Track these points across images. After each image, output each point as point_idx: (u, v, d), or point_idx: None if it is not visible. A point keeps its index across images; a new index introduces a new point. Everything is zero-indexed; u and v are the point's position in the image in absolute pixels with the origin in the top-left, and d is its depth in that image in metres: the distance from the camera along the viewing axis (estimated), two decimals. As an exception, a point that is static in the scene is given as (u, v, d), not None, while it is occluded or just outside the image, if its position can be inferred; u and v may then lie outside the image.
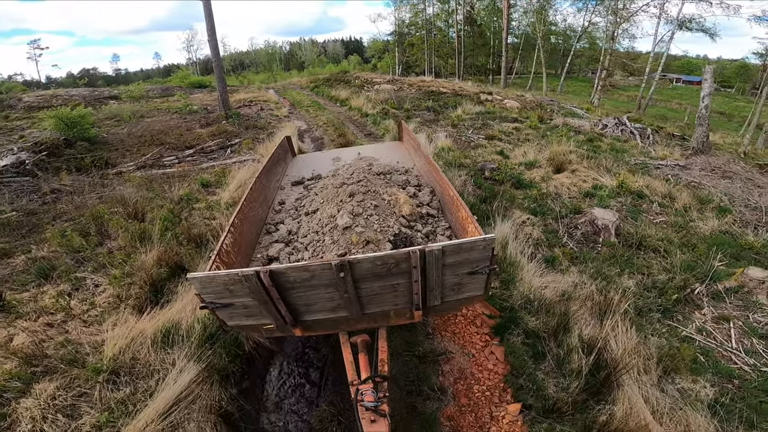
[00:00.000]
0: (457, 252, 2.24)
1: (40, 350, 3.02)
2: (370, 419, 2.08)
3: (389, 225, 3.28)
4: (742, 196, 7.35)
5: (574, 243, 4.64)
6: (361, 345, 2.64)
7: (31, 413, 2.58)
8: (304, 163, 5.79)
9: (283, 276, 2.19)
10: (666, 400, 2.90)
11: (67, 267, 4.03)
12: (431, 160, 4.24)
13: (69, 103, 15.81)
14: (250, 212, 3.59)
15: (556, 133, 9.95)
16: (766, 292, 4.33)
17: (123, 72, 79.57)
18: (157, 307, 3.47)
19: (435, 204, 3.92)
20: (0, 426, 2.55)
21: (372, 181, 3.98)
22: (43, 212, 5.57)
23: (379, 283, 2.31)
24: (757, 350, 3.60)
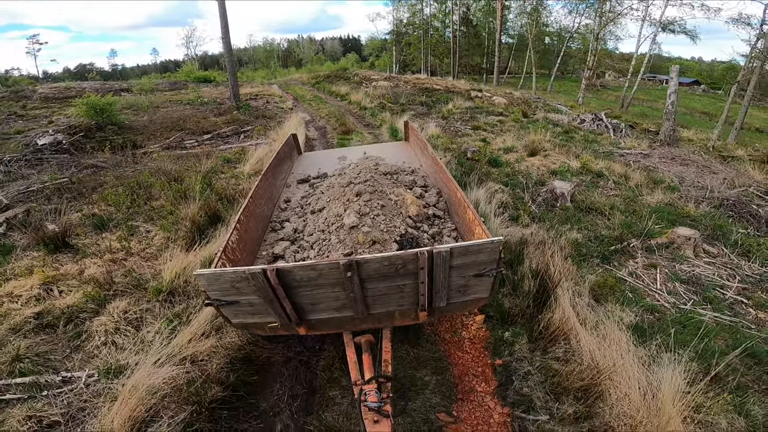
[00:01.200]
0: (464, 254, 2.24)
1: (109, 279, 3.89)
2: (373, 419, 2.08)
3: (396, 225, 3.29)
4: (693, 179, 8.43)
5: (536, 206, 5.68)
6: (365, 345, 2.63)
7: (105, 327, 3.30)
8: (310, 161, 5.79)
9: (290, 274, 2.19)
10: (592, 316, 3.88)
11: (123, 218, 5.00)
12: (439, 161, 4.22)
13: (83, 94, 16.68)
14: (256, 209, 3.60)
15: (535, 125, 11.03)
16: (692, 247, 5.39)
17: (120, 68, 79.85)
18: (200, 245, 4.40)
19: (441, 205, 3.93)
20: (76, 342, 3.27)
21: (379, 180, 3.98)
22: (86, 182, 6.52)
23: (386, 283, 2.31)
24: (678, 292, 4.59)
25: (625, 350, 3.06)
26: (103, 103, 9.14)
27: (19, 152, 7.74)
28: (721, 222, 6.01)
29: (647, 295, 4.43)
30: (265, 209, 3.90)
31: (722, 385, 3.08)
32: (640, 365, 2.95)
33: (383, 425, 2.05)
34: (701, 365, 3.23)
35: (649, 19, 21.55)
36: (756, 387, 3.16)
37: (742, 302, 4.39)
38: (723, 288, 4.60)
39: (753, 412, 2.86)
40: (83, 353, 3.15)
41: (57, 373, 2.94)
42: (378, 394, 2.16)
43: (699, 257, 5.16)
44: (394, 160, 5.17)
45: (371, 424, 2.05)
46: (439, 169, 4.14)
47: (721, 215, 6.38)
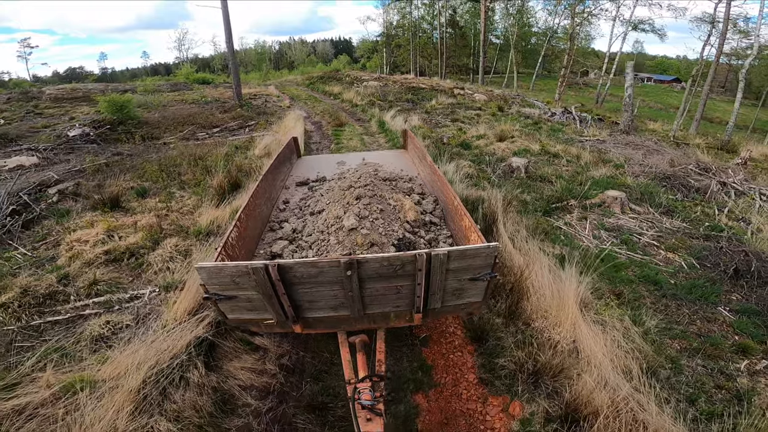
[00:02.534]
0: (461, 257, 2.29)
1: (158, 226, 5.09)
2: (366, 418, 2.11)
3: (394, 229, 3.36)
4: (639, 159, 9.81)
5: (495, 176, 6.96)
6: (359, 345, 2.66)
7: (162, 257, 4.46)
8: (308, 164, 5.91)
9: (291, 271, 2.22)
10: (525, 246, 5.10)
11: (161, 187, 6.17)
12: (437, 169, 4.32)
13: (89, 95, 17.70)
14: (256, 209, 3.68)
15: (508, 118, 12.34)
16: (619, 206, 6.68)
17: (109, 71, 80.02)
18: (226, 203, 5.55)
19: (438, 213, 4.02)
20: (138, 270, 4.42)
21: (378, 185, 4.07)
22: (119, 164, 7.65)
23: (384, 283, 2.36)
24: (602, 237, 5.87)
25: (545, 266, 4.24)
26: (122, 100, 10.26)
27: (52, 142, 8.85)
28: (651, 189, 7.34)
29: (576, 238, 5.66)
30: (264, 209, 3.96)
31: (625, 302, 4.23)
32: (555, 278, 4.10)
33: (376, 424, 2.09)
34: (610, 286, 4.45)
35: (620, 19, 23.15)
36: (653, 306, 4.20)
37: (655, 246, 5.67)
38: (640, 235, 5.89)
39: (645, 322, 4.01)
40: (145, 277, 4.31)
41: (125, 292, 4.09)
42: (372, 393, 2.20)
43: (625, 214, 6.46)
44: (392, 167, 5.27)
45: (364, 422, 2.09)
46: (437, 178, 4.22)
47: (655, 185, 7.71)
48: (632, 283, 4.59)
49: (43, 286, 3.95)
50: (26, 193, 6.04)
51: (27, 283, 3.95)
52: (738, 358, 3.60)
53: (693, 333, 3.93)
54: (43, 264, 4.48)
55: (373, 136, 10.75)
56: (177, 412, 2.77)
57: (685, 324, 4.07)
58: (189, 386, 2.98)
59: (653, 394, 2.86)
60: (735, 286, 4.76)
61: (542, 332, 3.52)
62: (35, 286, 3.95)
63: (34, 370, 3.03)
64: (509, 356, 3.32)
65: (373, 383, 2.30)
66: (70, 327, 3.61)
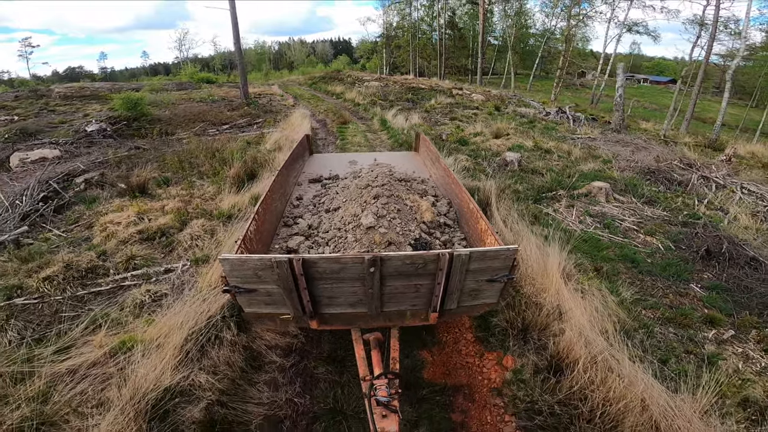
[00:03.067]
0: (481, 259, 2.32)
1: (185, 209, 5.60)
2: (381, 414, 2.15)
3: (411, 229, 3.39)
4: (627, 155, 10.35)
5: (490, 169, 7.47)
6: (374, 342, 2.69)
7: (191, 235, 4.97)
8: (321, 162, 6.04)
9: (315, 265, 2.24)
10: (516, 227, 5.53)
11: (183, 176, 6.67)
12: (451, 172, 4.36)
13: (96, 93, 18.15)
14: (272, 204, 3.73)
15: (504, 117, 12.88)
16: (604, 195, 7.20)
17: (108, 71, 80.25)
18: (244, 190, 6.04)
19: (452, 215, 4.04)
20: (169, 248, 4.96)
21: (395, 186, 4.12)
22: (139, 156, 8.13)
23: (404, 282, 2.38)
24: (587, 222, 6.39)
25: (533, 243, 4.75)
26: (136, 98, 10.74)
27: (71, 137, 9.32)
28: (635, 182, 7.87)
29: (563, 223, 6.17)
30: (278, 204, 4.03)
31: (604, 276, 4.73)
32: (542, 253, 4.60)
33: (391, 420, 2.12)
34: (591, 262, 4.96)
35: (615, 21, 23.79)
36: (630, 281, 4.71)
37: (635, 230, 6.20)
38: (622, 221, 6.42)
39: (621, 293, 4.50)
40: (176, 253, 4.80)
41: (160, 266, 4.58)
42: (388, 390, 2.23)
43: (609, 202, 6.98)
44: (404, 168, 5.31)
45: (380, 418, 2.13)
46: (451, 180, 4.26)
47: (639, 178, 8.24)
48: (612, 260, 5.10)
49: (84, 261, 4.42)
50: (55, 182, 6.52)
51: (69, 259, 4.43)
52: (706, 329, 4.06)
53: (665, 305, 4.42)
54: (80, 243, 4.97)
55: (376, 133, 11.26)
56: (214, 366, 3.21)
57: (659, 297, 4.57)
58: (223, 344, 3.44)
59: (626, 352, 3.33)
60: (707, 266, 5.28)
61: (530, 297, 4.01)
62: (77, 261, 4.42)
63: (83, 335, 3.46)
64: (502, 317, 3.82)
65: (388, 380, 2.31)
66: (111, 297, 4.08)
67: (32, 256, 4.58)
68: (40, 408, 2.68)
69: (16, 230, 5.25)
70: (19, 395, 2.73)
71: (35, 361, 3.07)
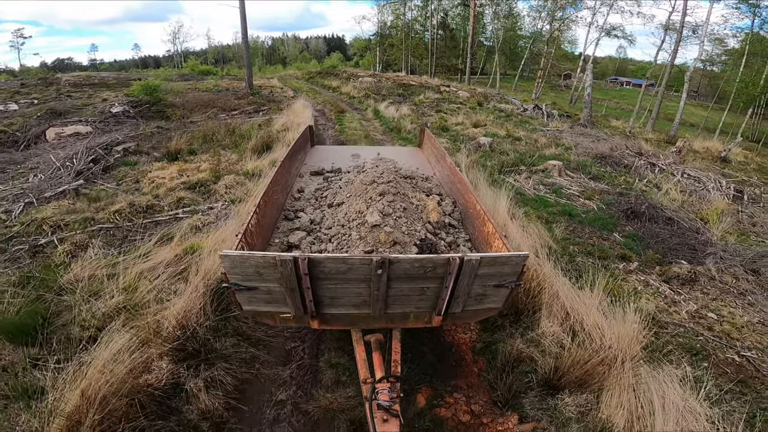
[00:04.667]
0: (491, 264, 2.31)
1: (216, 169, 6.93)
2: (382, 418, 2.14)
3: (416, 229, 3.32)
4: (587, 145, 11.93)
5: (465, 148, 8.92)
6: (375, 344, 2.65)
7: (224, 185, 6.30)
8: (323, 154, 5.99)
9: (320, 265, 2.19)
10: (480, 186, 6.90)
11: (209, 146, 7.97)
12: (457, 171, 4.29)
13: (104, 82, 19.13)
14: (273, 197, 3.64)
15: (485, 111, 14.37)
16: (557, 171, 8.69)
17: (98, 63, 79.77)
18: (262, 158, 7.39)
19: (456, 215, 3.96)
20: (207, 195, 6.37)
21: (401, 183, 4.02)
22: (164, 133, 9.36)
23: (411, 284, 2.35)
24: (540, 189, 7.85)
25: (489, 195, 6.11)
26: (154, 84, 11.91)
27: (97, 117, 10.48)
28: (586, 163, 9.40)
29: (521, 188, 7.59)
30: (279, 197, 3.96)
31: (544, 221, 6.17)
32: (495, 200, 5.96)
33: (392, 424, 2.11)
34: (535, 212, 6.40)
35: (595, 25, 25.59)
36: (564, 226, 6.15)
37: (577, 196, 7.67)
38: (569, 189, 7.91)
39: (556, 233, 5.94)
40: (214, 198, 6.11)
41: (203, 205, 5.87)
42: (389, 394, 2.21)
43: (561, 177, 8.48)
44: (408, 165, 5.25)
45: (380, 422, 2.11)
46: (457, 179, 4.20)
47: (591, 161, 9.78)
48: (553, 214, 6.55)
49: (143, 201, 5.71)
50: (100, 149, 7.74)
51: (131, 199, 5.71)
52: (619, 262, 5.51)
53: (590, 244, 5.86)
54: (133, 191, 6.24)
55: (370, 121, 12.64)
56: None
57: (585, 239, 6.03)
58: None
59: (550, 265, 4.69)
60: (630, 222, 6.77)
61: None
62: (138, 201, 5.71)
63: (156, 246, 4.72)
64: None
65: (390, 384, 2.30)
66: (169, 225, 5.37)
67: (99, 197, 5.85)
68: (130, 297, 3.64)
69: (73, 182, 6.48)
70: (111, 289, 3.72)
71: (119, 265, 4.12)
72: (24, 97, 14.89)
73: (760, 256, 5.82)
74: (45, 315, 3.39)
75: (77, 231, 4.86)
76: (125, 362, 2.70)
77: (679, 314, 4.51)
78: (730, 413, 2.89)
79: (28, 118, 10.30)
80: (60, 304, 3.60)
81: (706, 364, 3.62)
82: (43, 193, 6.13)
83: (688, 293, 4.98)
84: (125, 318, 3.30)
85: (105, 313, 3.38)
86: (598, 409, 2.91)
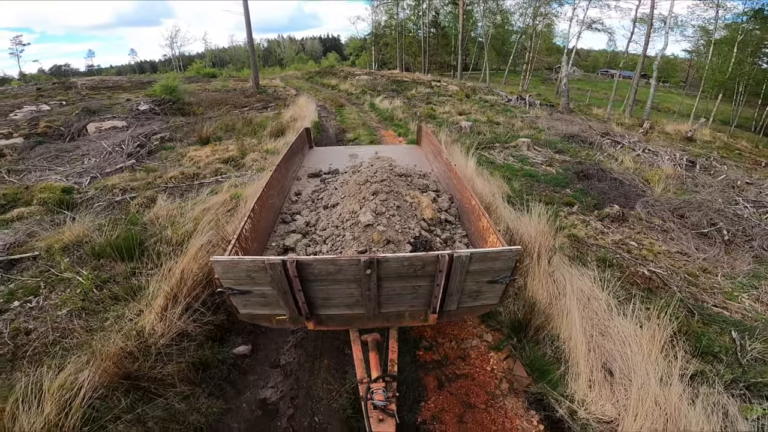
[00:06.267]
0: (482, 260, 2.30)
1: (241, 149, 8.43)
2: (378, 418, 2.17)
3: (410, 227, 3.33)
4: (560, 128, 13.42)
5: (449, 131, 10.41)
6: (372, 344, 2.69)
7: (251, 159, 7.83)
8: (320, 156, 5.99)
9: (309, 267, 2.22)
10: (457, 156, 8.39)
11: (233, 133, 9.47)
12: (453, 167, 4.29)
13: (119, 85, 20.60)
14: (268, 200, 3.65)
15: (471, 102, 15.85)
16: (526, 146, 10.16)
17: (95, 68, 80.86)
18: (277, 140, 8.90)
19: (453, 211, 3.96)
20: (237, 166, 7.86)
21: (395, 181, 4.02)
22: (189, 125, 10.85)
23: (402, 283, 2.36)
24: (510, 160, 9.33)
25: (462, 158, 7.58)
26: (173, 85, 13.40)
27: (128, 114, 11.97)
28: (554, 140, 10.90)
29: (493, 159, 9.09)
30: (276, 201, 3.96)
31: (507, 179, 7.68)
32: (465, 160, 7.41)
33: (388, 424, 2.16)
34: (503, 174, 7.89)
35: (576, 20, 27.10)
36: (523, 182, 7.73)
37: (540, 164, 9.14)
38: (534, 159, 9.42)
39: (515, 186, 7.42)
40: (243, 168, 7.60)
41: (236, 173, 7.35)
42: (385, 393, 2.25)
43: (530, 150, 9.98)
44: (405, 162, 5.26)
45: (376, 422, 2.16)
46: (453, 175, 4.21)
47: (559, 139, 11.28)
48: (516, 175, 8.03)
49: (190, 171, 7.22)
50: (142, 137, 9.24)
51: (181, 170, 7.21)
52: (565, 207, 6.99)
53: (543, 195, 7.34)
54: (178, 166, 7.73)
55: (367, 113, 14.13)
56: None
57: (540, 192, 7.51)
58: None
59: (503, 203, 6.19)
60: (581, 182, 8.26)
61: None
62: (186, 171, 7.21)
63: (207, 196, 6.19)
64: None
65: (386, 383, 2.34)
66: (212, 186, 6.87)
67: (154, 169, 7.36)
68: (197, 225, 5.06)
69: (127, 161, 7.98)
70: (183, 220, 5.24)
71: (186, 207, 5.67)
72: (49, 100, 16.37)
73: (687, 204, 7.32)
74: (137, 240, 4.79)
75: (144, 191, 6.35)
76: (204, 258, 3.96)
77: (605, 240, 6.00)
78: (627, 301, 3.68)
79: (68, 116, 11.79)
80: (145, 234, 5.04)
81: (617, 272, 4.93)
82: (104, 170, 7.63)
83: (617, 228, 6.48)
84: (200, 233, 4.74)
85: (182, 233, 4.83)
86: (527, 289, 4.18)
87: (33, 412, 2.41)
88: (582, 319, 3.47)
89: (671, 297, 4.16)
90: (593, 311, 3.70)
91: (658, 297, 4.22)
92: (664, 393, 2.78)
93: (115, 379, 2.78)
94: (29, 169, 8.01)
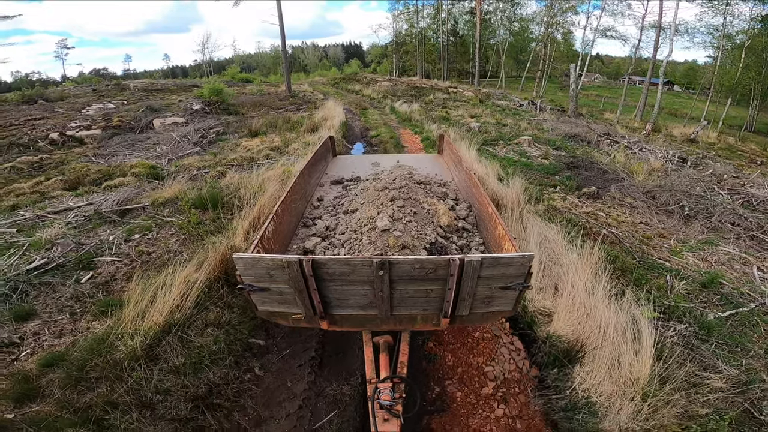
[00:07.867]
0: (494, 265, 2.31)
1: (285, 141, 10.19)
2: (383, 418, 2.23)
3: (426, 233, 3.40)
4: (564, 129, 14.68)
5: (458, 130, 11.90)
6: (383, 345, 2.76)
7: (293, 148, 9.63)
8: (343, 163, 6.20)
9: (324, 267, 2.30)
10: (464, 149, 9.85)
11: (276, 129, 11.28)
12: (473, 175, 4.33)
13: (167, 87, 23.02)
14: (292, 204, 3.82)
15: (484, 106, 17.28)
16: (527, 143, 11.52)
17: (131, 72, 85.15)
18: (313, 135, 10.63)
19: (471, 219, 4.04)
20: (282, 152, 9.62)
21: (413, 188, 4.14)
22: (238, 122, 12.75)
23: (414, 286, 2.41)
24: (511, 154, 10.69)
25: (466, 150, 9.08)
26: (220, 87, 15.46)
27: (184, 112, 14.01)
28: (554, 139, 12.23)
29: (495, 153, 10.52)
30: (299, 205, 4.12)
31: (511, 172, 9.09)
32: (468, 151, 8.93)
33: (393, 424, 2.22)
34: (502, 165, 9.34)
35: (590, 27, 28.16)
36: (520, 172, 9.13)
37: (540, 159, 10.52)
38: (533, 154, 10.79)
39: (508, 171, 8.84)
40: (287, 154, 9.33)
41: (282, 157, 9.07)
42: (391, 394, 2.31)
43: (530, 147, 11.35)
44: (426, 171, 5.40)
45: (381, 422, 2.23)
46: (472, 184, 4.27)
47: (560, 138, 12.60)
48: (513, 164, 9.45)
49: (247, 156, 9.00)
50: (202, 130, 11.16)
51: (239, 155, 9.00)
52: (552, 189, 8.35)
53: (535, 180, 8.73)
54: (236, 152, 9.54)
55: (387, 115, 15.83)
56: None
57: (533, 177, 8.91)
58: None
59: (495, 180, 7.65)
60: (570, 171, 9.60)
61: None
62: (243, 155, 9.00)
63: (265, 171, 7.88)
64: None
65: (393, 384, 2.41)
66: (266, 166, 8.59)
67: (217, 153, 9.20)
68: (259, 187, 6.90)
69: (194, 149, 9.85)
70: (251, 184, 7.02)
71: (252, 177, 7.40)
72: (111, 99, 18.77)
73: (659, 187, 8.56)
74: (219, 196, 6.46)
75: (215, 167, 8.16)
76: (269, 204, 5.64)
77: (577, 211, 7.36)
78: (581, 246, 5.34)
79: (135, 113, 13.93)
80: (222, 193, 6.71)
81: (581, 232, 6.36)
82: (177, 154, 9.52)
83: (591, 204, 7.81)
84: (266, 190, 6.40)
85: (252, 192, 6.54)
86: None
87: (167, 296, 3.87)
88: (539, 253, 4.91)
89: (620, 248, 5.53)
90: (552, 249, 5.14)
91: (609, 248, 5.61)
92: (590, 300, 4.17)
93: (215, 277, 4.31)
94: (111, 154, 10.00)
